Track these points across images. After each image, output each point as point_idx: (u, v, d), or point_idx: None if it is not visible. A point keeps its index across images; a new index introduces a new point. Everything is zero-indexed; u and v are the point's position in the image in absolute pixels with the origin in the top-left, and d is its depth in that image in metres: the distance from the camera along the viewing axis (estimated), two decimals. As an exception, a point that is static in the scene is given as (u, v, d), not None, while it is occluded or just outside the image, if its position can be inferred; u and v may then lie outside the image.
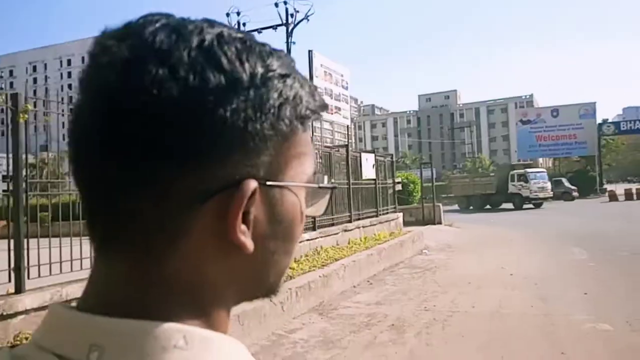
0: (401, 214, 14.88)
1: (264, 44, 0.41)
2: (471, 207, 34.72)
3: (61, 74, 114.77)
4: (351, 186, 10.99)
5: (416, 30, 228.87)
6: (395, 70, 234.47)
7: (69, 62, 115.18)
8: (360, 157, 11.86)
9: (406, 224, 19.53)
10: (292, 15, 14.13)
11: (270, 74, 0.40)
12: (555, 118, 56.93)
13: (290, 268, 0.43)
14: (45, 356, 0.37)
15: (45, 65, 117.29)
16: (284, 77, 0.41)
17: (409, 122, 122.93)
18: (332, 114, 10.30)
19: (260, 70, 0.39)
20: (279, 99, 0.40)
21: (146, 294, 0.38)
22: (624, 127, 51.23)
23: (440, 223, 19.72)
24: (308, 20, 15.15)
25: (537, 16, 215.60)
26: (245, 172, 0.39)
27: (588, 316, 5.88)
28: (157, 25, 0.39)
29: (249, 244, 0.39)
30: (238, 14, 16.63)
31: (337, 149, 10.60)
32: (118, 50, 0.38)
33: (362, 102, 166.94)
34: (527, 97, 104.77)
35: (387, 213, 14.12)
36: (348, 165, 10.90)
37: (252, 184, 0.39)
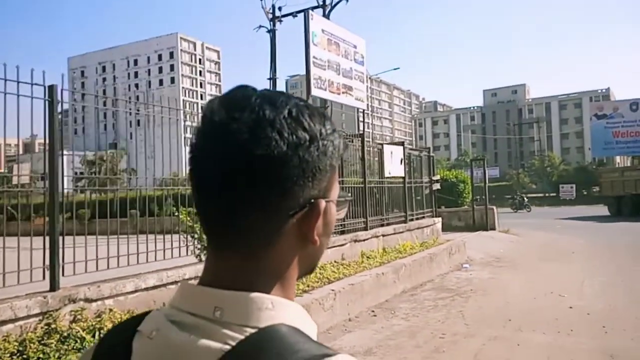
0: (439, 219, 12.63)
1: (318, 109, 0.62)
2: (622, 213, 24.69)
3: (128, 74, 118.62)
4: (367, 185, 8.98)
5: (481, 22, 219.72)
6: (460, 65, 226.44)
7: (135, 62, 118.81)
8: (382, 150, 9.81)
9: (454, 229, 17.17)
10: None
11: (329, 131, 0.61)
12: (635, 112, 51.39)
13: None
14: (183, 314, 0.58)
15: (114, 65, 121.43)
16: (333, 132, 0.62)
17: (472, 118, 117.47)
18: (338, 93, 8.29)
19: (323, 130, 0.60)
20: (332, 147, 0.61)
21: (249, 277, 0.59)
22: None
23: (493, 229, 17.16)
24: (347, 1, 13.28)
25: (613, 5, 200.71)
26: (316, 194, 0.60)
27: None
28: (258, 98, 0.59)
29: (318, 240, 0.61)
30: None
31: (349, 139, 8.64)
32: (242, 118, 0.57)
33: (423, 98, 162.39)
34: (604, 90, 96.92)
35: (422, 218, 11.95)
36: (363, 160, 8.90)
37: (323, 203, 0.60)
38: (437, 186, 12.58)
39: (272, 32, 14.83)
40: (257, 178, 0.56)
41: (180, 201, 5.98)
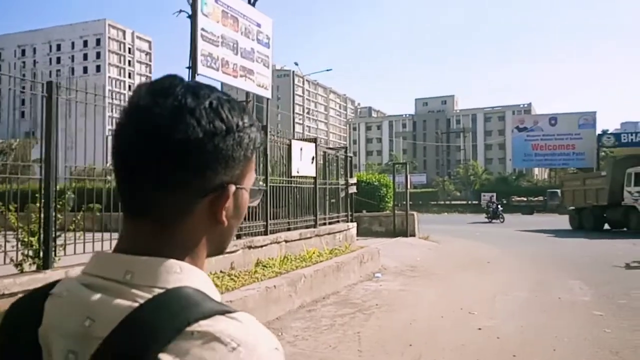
0: (354, 224, 11.82)
1: (239, 103, 0.68)
2: (584, 227, 21.43)
3: (50, 59, 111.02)
4: (269, 184, 7.95)
5: (417, 35, 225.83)
6: (394, 73, 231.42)
7: (58, 47, 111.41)
8: (290, 146, 8.82)
9: (374, 234, 16.52)
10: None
11: (245, 124, 0.66)
12: (553, 127, 54.16)
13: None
14: (95, 278, 0.62)
15: (34, 49, 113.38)
16: (251, 126, 0.67)
17: (404, 125, 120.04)
18: (235, 76, 7.20)
19: (240, 122, 0.65)
20: (248, 139, 0.66)
21: (160, 246, 0.63)
22: (624, 139, 48.15)
23: (414, 235, 16.70)
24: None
25: (539, 26, 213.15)
26: (227, 180, 0.65)
27: None
28: (182, 88, 0.64)
29: (226, 221, 0.66)
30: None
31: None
32: (166, 103, 0.62)
33: (359, 103, 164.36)
34: (526, 105, 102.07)
35: (336, 222, 11.10)
36: (266, 156, 7.86)
37: (233, 188, 0.66)
38: (353, 189, 11.77)
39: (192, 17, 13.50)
40: (174, 160, 0.62)
41: (11, 198, 4.84)
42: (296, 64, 62.27)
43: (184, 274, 0.62)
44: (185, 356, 0.55)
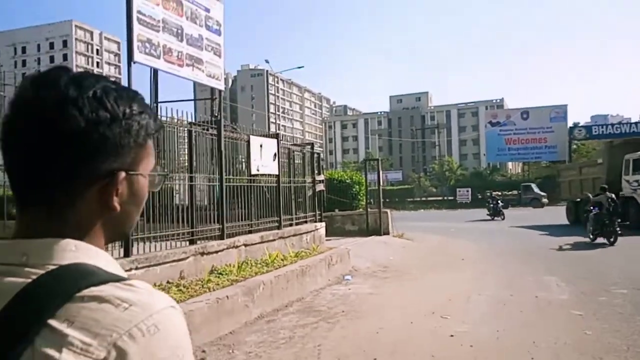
0: (322, 224, 11.26)
1: (129, 92, 0.69)
2: (581, 221, 17.20)
3: (15, 62, 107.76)
4: (224, 184, 7.33)
5: (392, 30, 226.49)
6: (369, 71, 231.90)
7: (23, 50, 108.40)
8: (249, 142, 8.20)
9: (347, 233, 16.00)
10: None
11: (134, 112, 0.67)
12: (526, 120, 54.53)
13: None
14: None
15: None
16: (140, 113, 0.68)
17: (379, 123, 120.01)
18: (181, 65, 6.55)
19: (127, 110, 0.66)
20: (137, 126, 0.67)
21: (54, 230, 0.64)
22: (595, 131, 48.66)
23: (387, 233, 16.23)
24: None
25: (511, 22, 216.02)
26: (118, 167, 0.66)
27: None
28: (66, 79, 0.65)
29: (117, 207, 0.67)
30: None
31: (204, 127, 6.98)
32: (49, 95, 0.63)
33: (334, 102, 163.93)
34: (498, 100, 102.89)
35: (304, 223, 10.53)
36: (220, 153, 7.23)
37: (122, 174, 0.66)
38: (321, 187, 11.20)
39: None
40: (59, 149, 0.63)
41: None
42: (267, 61, 61.57)
43: (79, 252, 0.64)
44: (75, 319, 0.57)
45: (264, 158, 8.39)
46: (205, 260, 6.66)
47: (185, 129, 7.19)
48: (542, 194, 38.89)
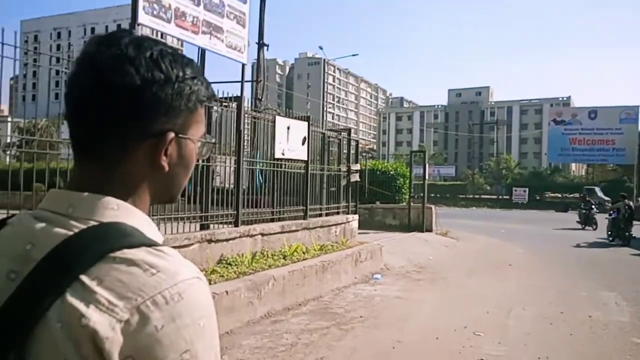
0: (356, 216, 10.45)
1: (184, 57, 0.70)
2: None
3: (84, 42, 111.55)
4: (241, 167, 6.70)
5: (452, 24, 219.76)
6: (428, 64, 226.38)
7: (92, 31, 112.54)
8: (274, 123, 7.53)
9: (387, 228, 15.13)
10: None
11: (187, 76, 0.69)
12: (593, 120, 51.16)
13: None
14: (44, 212, 0.66)
15: (70, 32, 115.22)
16: (193, 78, 0.69)
17: (436, 116, 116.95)
18: (195, 32, 5.92)
19: (181, 73, 0.68)
20: (189, 90, 0.69)
21: (102, 185, 0.66)
22: (669, 135, 45.14)
23: (430, 230, 15.26)
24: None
25: (581, 18, 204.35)
26: (168, 128, 0.67)
27: None
28: (127, 40, 0.67)
29: (166, 167, 0.68)
30: None
31: (225, 103, 6.38)
32: (109, 51, 0.65)
33: (391, 93, 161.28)
34: (565, 99, 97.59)
35: (337, 214, 9.80)
36: (239, 132, 6.60)
37: (171, 135, 0.68)
38: (356, 177, 10.40)
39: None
40: (113, 104, 0.64)
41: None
42: (320, 47, 60.75)
43: (120, 212, 0.66)
44: (104, 278, 0.59)
45: (291, 141, 7.70)
46: (213, 248, 6.07)
47: (205, 104, 6.62)
48: (607, 198, 36.23)
